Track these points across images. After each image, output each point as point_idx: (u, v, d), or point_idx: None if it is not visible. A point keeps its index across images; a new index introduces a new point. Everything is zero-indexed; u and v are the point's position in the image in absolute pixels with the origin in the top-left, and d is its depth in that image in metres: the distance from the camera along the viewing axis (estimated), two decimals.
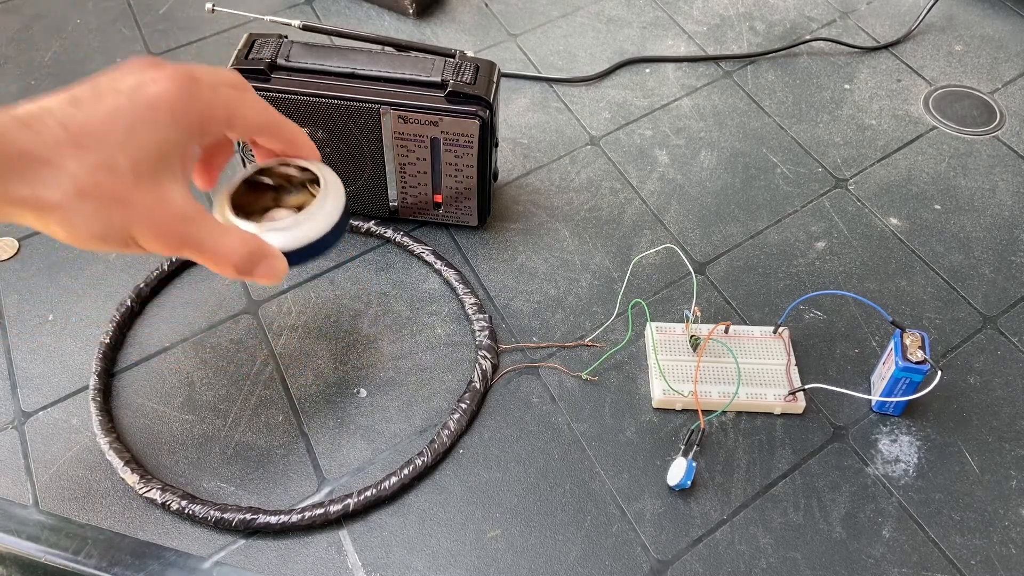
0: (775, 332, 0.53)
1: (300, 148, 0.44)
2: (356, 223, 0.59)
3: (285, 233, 0.42)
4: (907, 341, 0.48)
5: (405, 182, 0.57)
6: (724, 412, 0.51)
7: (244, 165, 0.57)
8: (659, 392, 0.51)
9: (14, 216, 0.36)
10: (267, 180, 0.45)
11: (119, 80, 0.38)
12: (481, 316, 0.54)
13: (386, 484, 0.47)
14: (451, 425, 0.49)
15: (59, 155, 0.35)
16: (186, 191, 0.39)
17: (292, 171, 0.45)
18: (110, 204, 0.36)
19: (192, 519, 0.46)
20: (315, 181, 0.44)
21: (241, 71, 0.52)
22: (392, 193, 0.58)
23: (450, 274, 0.56)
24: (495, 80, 0.54)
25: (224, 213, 0.42)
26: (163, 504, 0.46)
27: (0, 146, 0.35)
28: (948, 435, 0.51)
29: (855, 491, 0.48)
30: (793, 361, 0.52)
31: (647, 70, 0.72)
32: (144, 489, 0.47)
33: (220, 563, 0.45)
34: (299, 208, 0.44)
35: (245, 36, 0.54)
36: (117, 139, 0.36)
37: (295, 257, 0.43)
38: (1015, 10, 0.78)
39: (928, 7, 0.76)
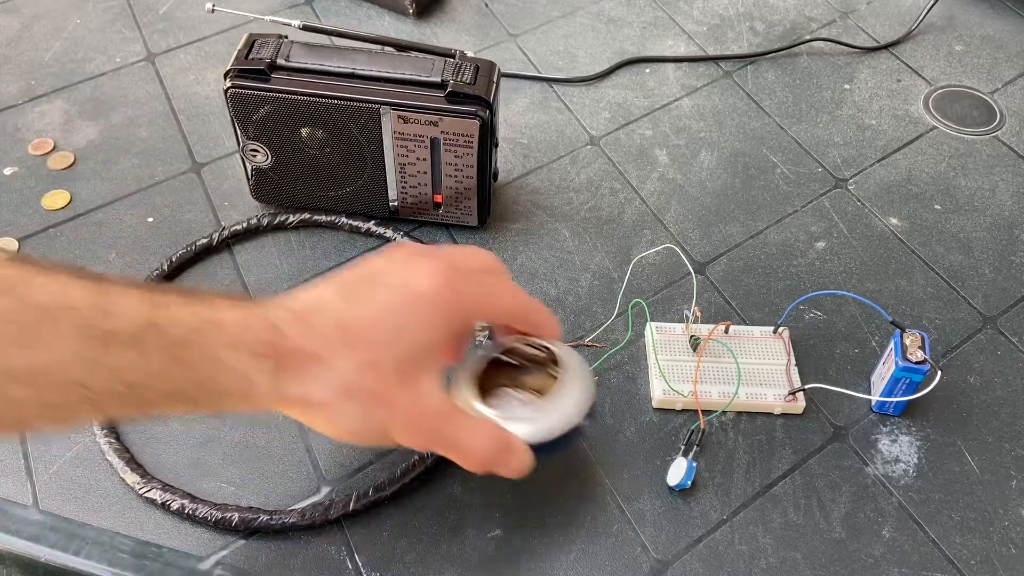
0: (775, 332, 0.53)
1: (545, 330, 0.43)
2: (356, 223, 0.59)
3: (530, 424, 0.41)
4: (907, 341, 0.48)
5: (405, 182, 0.57)
6: (724, 412, 0.51)
7: (244, 166, 0.57)
8: (659, 392, 0.51)
9: (279, 408, 0.37)
10: (507, 359, 0.44)
11: (388, 275, 0.39)
12: None
13: (386, 484, 0.47)
14: None
15: (332, 353, 0.36)
16: (441, 386, 0.39)
17: (533, 351, 0.44)
18: (372, 403, 0.37)
19: (192, 519, 0.46)
20: (555, 362, 0.43)
21: (241, 71, 0.52)
22: (392, 193, 0.58)
23: None
24: (495, 80, 0.54)
25: (468, 399, 0.41)
26: (163, 504, 0.46)
27: (281, 343, 0.35)
28: (948, 435, 0.51)
29: (855, 491, 0.48)
30: (793, 361, 0.52)
31: (647, 70, 0.72)
32: (144, 489, 0.47)
33: (220, 563, 0.45)
34: (539, 391, 0.43)
35: (245, 36, 0.54)
36: (385, 338, 0.37)
37: (540, 449, 0.41)
38: (1015, 10, 0.78)
39: (928, 7, 0.76)
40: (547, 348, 0.44)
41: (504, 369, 0.44)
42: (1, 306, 0.31)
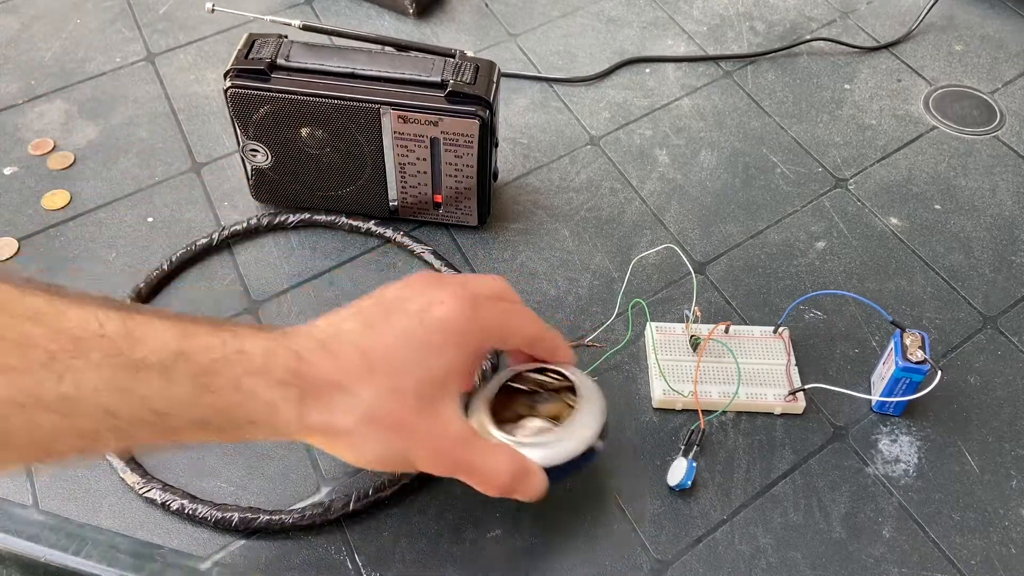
0: (775, 332, 0.53)
1: (559, 356, 0.44)
2: (356, 223, 0.59)
3: (547, 449, 0.41)
4: (907, 341, 0.48)
5: (405, 182, 0.57)
6: (724, 412, 0.51)
7: (244, 166, 0.57)
8: (659, 392, 0.51)
9: (302, 437, 0.38)
10: (520, 385, 0.44)
11: (407, 301, 0.39)
12: None
13: (386, 484, 0.47)
14: None
15: (354, 381, 0.37)
16: (460, 411, 0.40)
17: (546, 377, 0.44)
18: (394, 431, 0.38)
19: (192, 519, 0.46)
20: (569, 389, 0.44)
21: (241, 71, 0.52)
22: (392, 193, 0.58)
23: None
24: (495, 80, 0.54)
25: (484, 425, 0.42)
26: (163, 504, 0.46)
27: (305, 371, 0.36)
28: (948, 435, 0.51)
29: (855, 491, 0.48)
30: (793, 361, 0.52)
31: (647, 70, 0.72)
32: (144, 489, 0.47)
33: (220, 563, 0.45)
34: (554, 418, 0.43)
35: (245, 36, 0.54)
36: (406, 365, 0.38)
37: (555, 473, 0.41)
38: (1015, 10, 0.78)
39: (928, 7, 0.76)
40: (561, 374, 0.44)
41: (518, 396, 0.44)
42: (33, 335, 0.32)
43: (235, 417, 0.35)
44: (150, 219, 0.60)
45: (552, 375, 0.44)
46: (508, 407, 0.44)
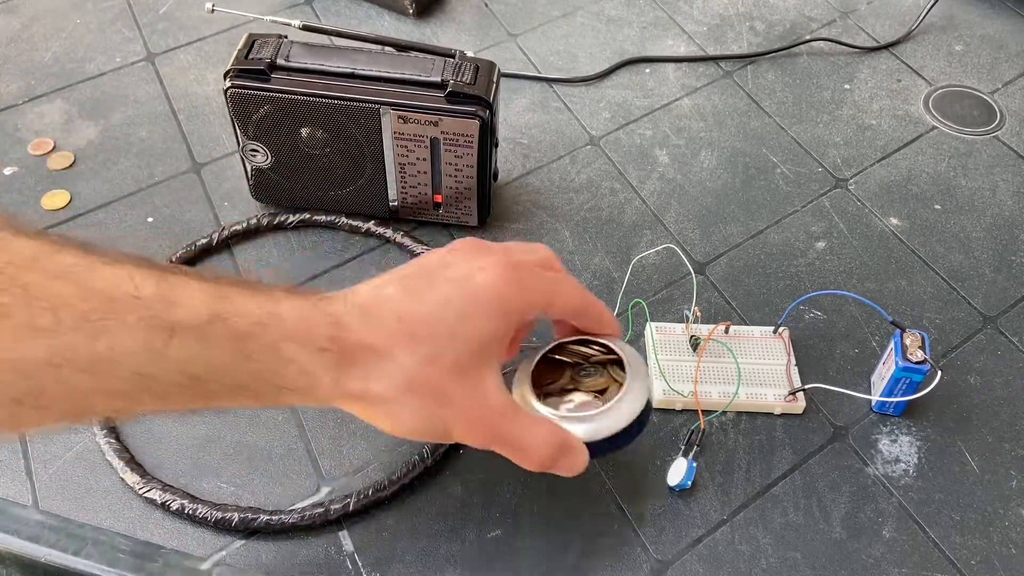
0: (775, 332, 0.53)
1: (605, 327, 0.43)
2: (355, 223, 0.59)
3: (589, 424, 0.40)
4: (907, 341, 0.48)
5: (405, 182, 0.57)
6: (724, 412, 0.51)
7: (244, 166, 0.57)
8: (659, 392, 0.51)
9: (338, 403, 0.37)
10: (564, 357, 0.43)
11: (449, 267, 0.38)
12: None
13: (386, 484, 0.47)
14: None
15: (393, 346, 0.36)
16: (500, 381, 0.38)
17: (591, 350, 0.43)
18: (433, 400, 0.36)
19: (192, 519, 0.46)
20: (614, 362, 0.42)
21: (241, 71, 0.52)
22: (392, 193, 0.58)
23: None
24: (495, 80, 0.54)
25: (526, 397, 0.41)
26: (163, 504, 0.46)
27: (343, 337, 0.35)
28: (948, 435, 0.51)
29: (855, 491, 0.48)
30: (793, 361, 0.52)
31: (647, 70, 0.72)
32: (144, 489, 0.47)
33: (220, 563, 0.45)
34: (597, 391, 0.42)
35: (245, 36, 0.54)
36: (447, 332, 0.36)
37: (598, 448, 0.40)
38: (1015, 10, 0.78)
39: (928, 7, 0.76)
40: (606, 347, 0.42)
41: (561, 368, 0.43)
42: (64, 294, 0.31)
43: (271, 383, 0.35)
44: (150, 219, 0.60)
45: (597, 348, 0.43)
46: (551, 379, 0.42)
